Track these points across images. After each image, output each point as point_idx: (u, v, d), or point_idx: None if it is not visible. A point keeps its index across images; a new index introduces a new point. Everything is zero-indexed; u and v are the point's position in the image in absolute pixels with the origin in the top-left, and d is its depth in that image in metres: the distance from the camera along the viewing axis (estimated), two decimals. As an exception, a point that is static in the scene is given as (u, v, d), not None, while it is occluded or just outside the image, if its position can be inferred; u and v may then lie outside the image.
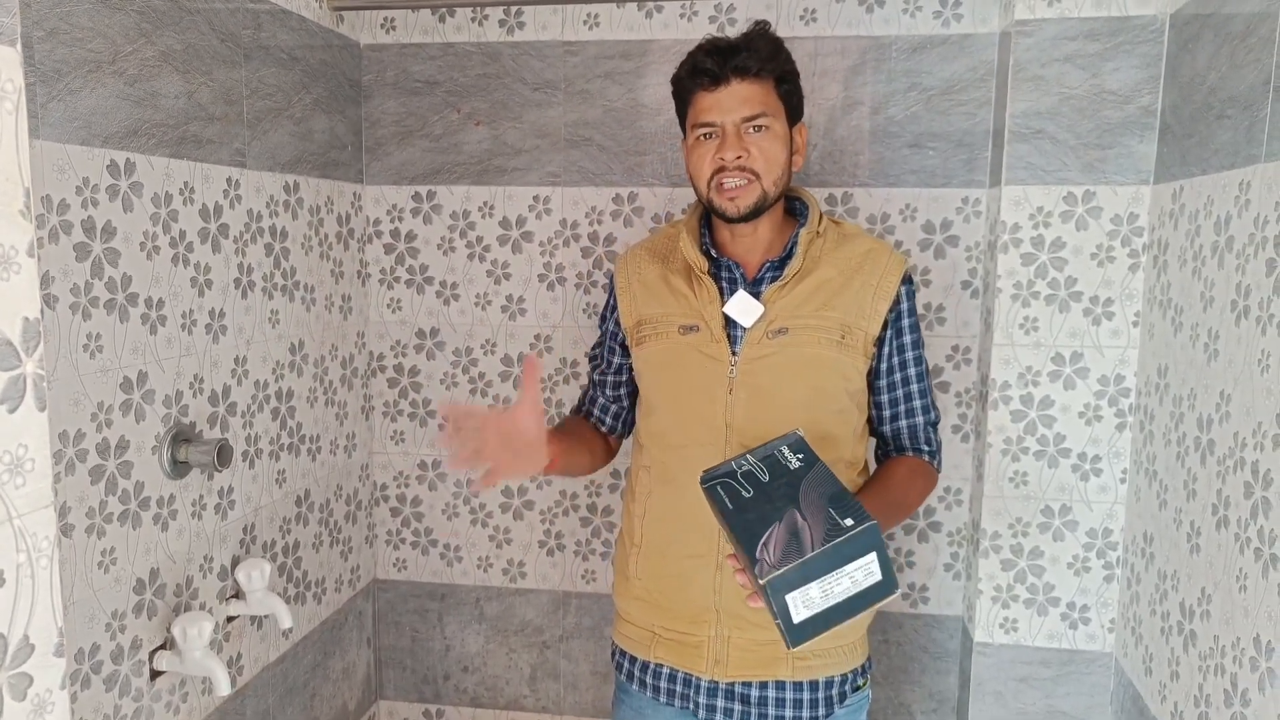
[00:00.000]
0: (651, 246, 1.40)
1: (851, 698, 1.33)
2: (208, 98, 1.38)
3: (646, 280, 1.36)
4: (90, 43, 1.14)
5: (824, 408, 1.27)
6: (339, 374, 1.85)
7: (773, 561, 0.97)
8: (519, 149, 1.88)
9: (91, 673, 1.18)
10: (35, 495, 0.60)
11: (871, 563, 0.97)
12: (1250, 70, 1.19)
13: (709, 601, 1.29)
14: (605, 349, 1.44)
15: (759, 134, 1.24)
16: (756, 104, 1.23)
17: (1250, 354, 1.14)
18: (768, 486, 1.08)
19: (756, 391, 1.25)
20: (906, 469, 1.33)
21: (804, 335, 1.25)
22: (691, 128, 1.28)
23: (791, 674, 1.29)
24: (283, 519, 1.65)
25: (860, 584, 0.98)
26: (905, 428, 1.34)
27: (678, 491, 1.28)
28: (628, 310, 1.37)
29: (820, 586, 0.97)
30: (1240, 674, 1.13)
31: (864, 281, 1.28)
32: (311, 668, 1.77)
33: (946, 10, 1.70)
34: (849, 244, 1.31)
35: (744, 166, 1.23)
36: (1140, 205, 1.55)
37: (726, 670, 1.30)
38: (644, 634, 1.36)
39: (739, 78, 1.23)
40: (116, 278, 1.20)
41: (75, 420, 1.14)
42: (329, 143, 1.77)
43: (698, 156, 1.27)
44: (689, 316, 1.30)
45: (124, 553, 1.23)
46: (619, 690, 1.43)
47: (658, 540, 1.33)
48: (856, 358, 1.27)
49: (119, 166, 1.20)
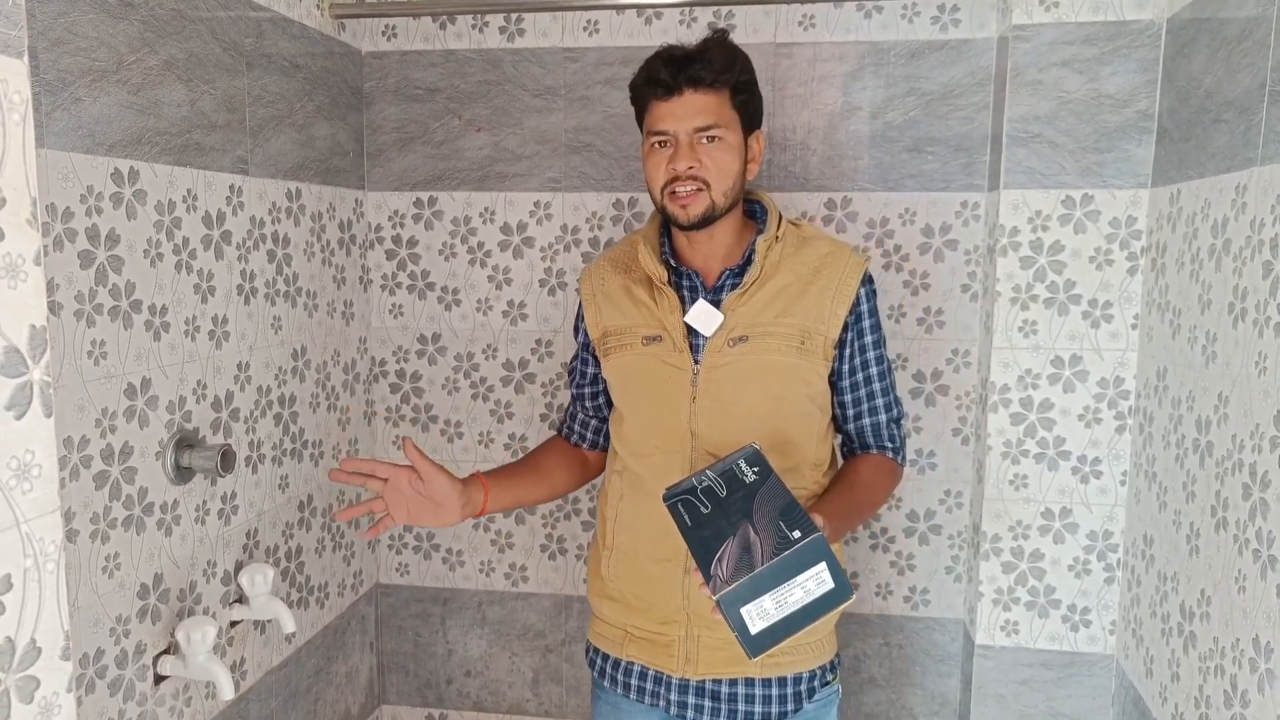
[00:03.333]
0: (614, 257, 1.41)
1: (820, 692, 1.35)
2: (210, 106, 1.39)
3: (609, 291, 1.37)
4: (94, 52, 1.15)
5: (786, 413, 1.29)
6: (341, 379, 1.86)
7: (724, 577, 1.00)
8: (520, 155, 1.89)
9: (96, 677, 1.19)
10: (41, 500, 0.60)
11: (822, 572, 1.00)
12: (1246, 74, 1.19)
13: (678, 604, 1.31)
14: (579, 361, 1.46)
15: (711, 144, 1.24)
16: (710, 115, 1.23)
17: (1248, 356, 1.15)
18: (724, 502, 1.11)
19: (719, 400, 1.27)
20: (870, 468, 1.35)
21: (764, 343, 1.26)
22: (647, 135, 1.29)
23: (760, 671, 1.30)
24: (286, 524, 1.65)
25: (813, 593, 1.00)
26: (869, 426, 1.36)
27: (646, 498, 1.29)
28: (594, 322, 1.39)
29: (773, 598, 0.99)
30: (1240, 675, 1.13)
31: (822, 286, 1.29)
32: (314, 672, 1.78)
33: (944, 16, 1.71)
34: (808, 248, 1.32)
35: (695, 176, 1.24)
36: (1138, 209, 1.56)
37: (697, 668, 1.31)
38: (617, 633, 1.38)
39: (692, 88, 1.23)
40: (120, 285, 1.21)
41: (80, 426, 1.15)
42: (331, 149, 1.78)
43: (653, 164, 1.28)
44: (651, 327, 1.31)
45: (128, 558, 1.24)
46: (595, 687, 1.46)
47: (628, 544, 1.35)
48: (816, 362, 1.28)
49: (123, 174, 1.20)
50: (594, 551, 1.44)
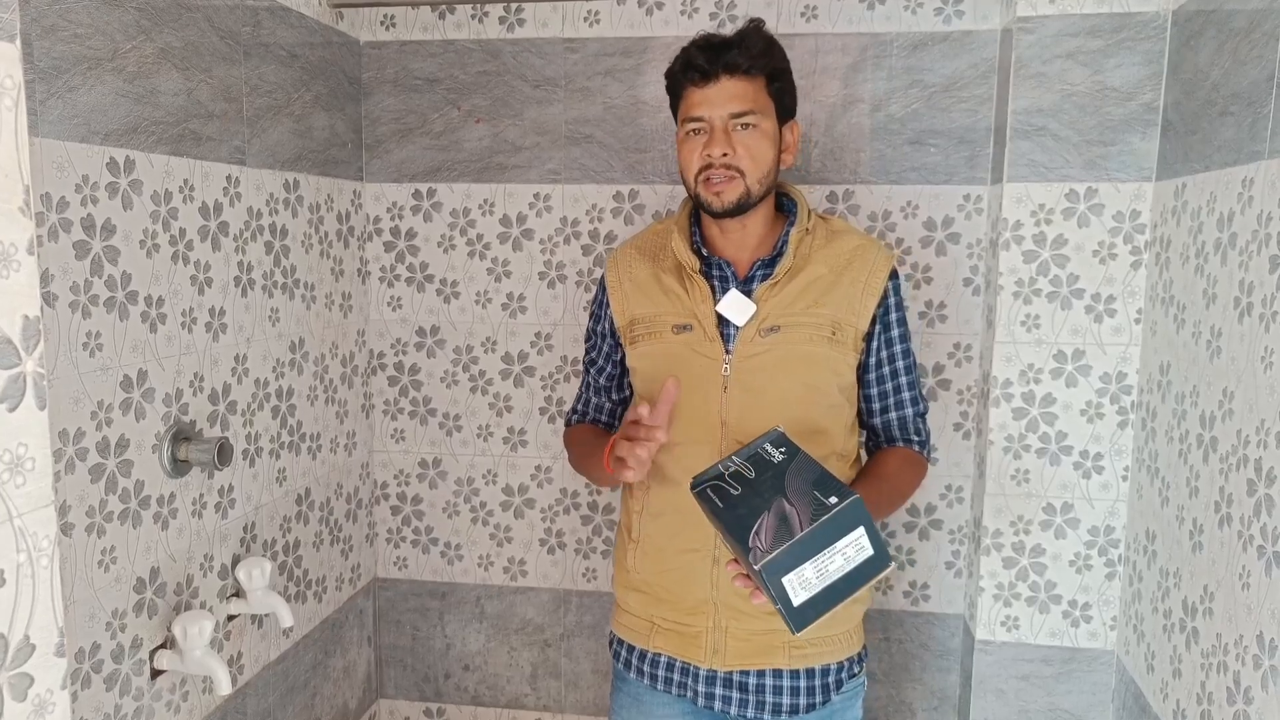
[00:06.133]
0: (640, 244, 1.41)
1: (848, 685, 1.35)
2: (207, 95, 1.37)
3: (637, 279, 1.37)
4: (90, 40, 1.13)
5: (816, 403, 1.29)
6: (339, 372, 1.85)
7: (764, 547, 0.99)
8: (519, 146, 1.87)
9: (92, 672, 1.18)
10: (35, 494, 0.59)
11: (861, 538, 0.99)
12: (1253, 66, 1.18)
13: (706, 594, 1.31)
14: (598, 351, 1.45)
15: (746, 131, 1.25)
16: (745, 101, 1.24)
17: (1253, 351, 1.14)
18: (754, 482, 1.10)
19: (750, 389, 1.27)
20: (898, 459, 1.36)
21: (796, 333, 1.27)
22: (682, 122, 1.30)
23: (788, 662, 1.31)
24: (283, 517, 1.65)
25: (854, 560, 0.99)
26: (895, 419, 1.36)
27: (674, 488, 1.29)
28: (620, 309, 1.38)
29: (814, 566, 0.98)
30: (1243, 671, 1.13)
31: (853, 278, 1.30)
32: (312, 666, 1.77)
33: (948, 7, 1.70)
34: (838, 240, 1.33)
35: (729, 164, 1.25)
36: (1142, 202, 1.55)
37: (724, 660, 1.31)
38: (643, 624, 1.38)
39: (729, 75, 1.24)
40: (116, 276, 1.20)
41: (75, 419, 1.13)
42: (329, 140, 1.77)
43: (687, 151, 1.29)
44: (682, 315, 1.31)
45: (124, 551, 1.23)
46: (616, 679, 1.45)
47: (655, 536, 1.34)
48: (847, 353, 1.29)
49: (118, 164, 1.19)
50: (619, 544, 1.44)
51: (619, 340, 1.41)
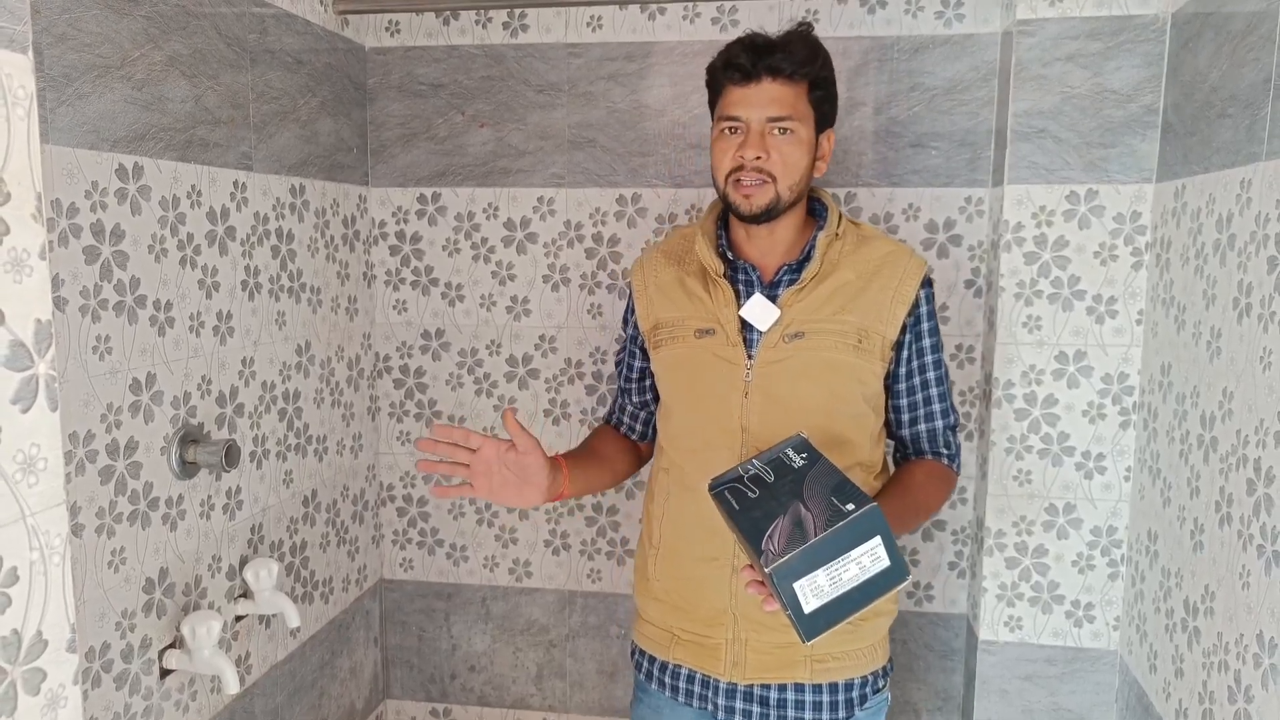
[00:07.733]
0: (667, 249, 1.39)
1: (871, 700, 1.32)
2: (214, 101, 1.39)
3: (662, 283, 1.36)
4: (98, 48, 1.15)
5: (840, 412, 1.26)
6: (345, 375, 1.86)
7: (777, 550, 0.97)
8: (523, 151, 1.89)
9: (102, 671, 1.20)
10: (47, 494, 0.61)
11: (877, 547, 0.96)
12: (1251, 69, 1.19)
13: (725, 604, 1.29)
14: (627, 354, 1.45)
15: (782, 136, 1.22)
16: (784, 106, 1.21)
17: (1252, 351, 1.15)
18: (773, 486, 1.08)
19: (772, 396, 1.25)
20: (925, 472, 1.32)
21: (820, 339, 1.24)
22: (718, 120, 1.27)
23: (810, 676, 1.28)
24: (290, 519, 1.66)
25: (869, 570, 0.96)
26: (924, 432, 1.33)
27: (694, 495, 1.26)
28: (645, 314, 1.37)
29: (827, 573, 0.96)
30: (1244, 670, 1.13)
31: (882, 285, 1.26)
32: (319, 666, 1.79)
33: (948, 11, 1.71)
34: (868, 246, 1.30)
35: (761, 168, 1.22)
36: (1143, 204, 1.55)
37: (745, 672, 1.29)
38: (663, 635, 1.37)
39: (770, 77, 1.21)
40: (125, 280, 1.21)
41: (85, 421, 1.15)
42: (334, 145, 1.78)
43: (720, 150, 1.26)
44: (705, 320, 1.29)
45: (133, 552, 1.24)
46: (638, 689, 1.44)
47: (675, 542, 1.33)
48: (874, 362, 1.26)
49: (127, 170, 1.21)
50: (640, 551, 1.42)
51: (641, 346, 1.40)
